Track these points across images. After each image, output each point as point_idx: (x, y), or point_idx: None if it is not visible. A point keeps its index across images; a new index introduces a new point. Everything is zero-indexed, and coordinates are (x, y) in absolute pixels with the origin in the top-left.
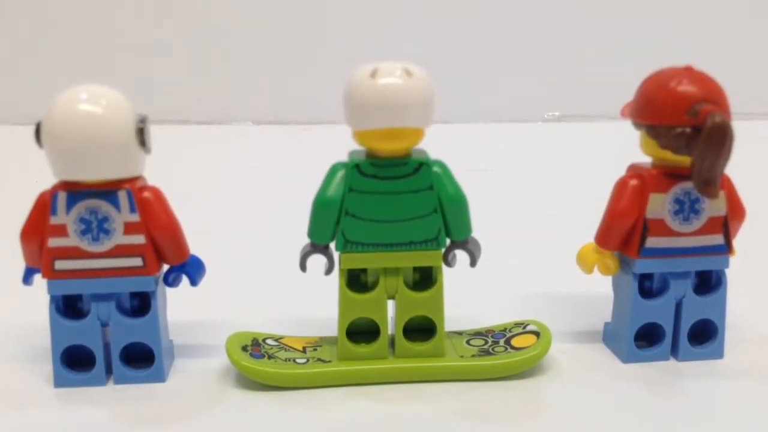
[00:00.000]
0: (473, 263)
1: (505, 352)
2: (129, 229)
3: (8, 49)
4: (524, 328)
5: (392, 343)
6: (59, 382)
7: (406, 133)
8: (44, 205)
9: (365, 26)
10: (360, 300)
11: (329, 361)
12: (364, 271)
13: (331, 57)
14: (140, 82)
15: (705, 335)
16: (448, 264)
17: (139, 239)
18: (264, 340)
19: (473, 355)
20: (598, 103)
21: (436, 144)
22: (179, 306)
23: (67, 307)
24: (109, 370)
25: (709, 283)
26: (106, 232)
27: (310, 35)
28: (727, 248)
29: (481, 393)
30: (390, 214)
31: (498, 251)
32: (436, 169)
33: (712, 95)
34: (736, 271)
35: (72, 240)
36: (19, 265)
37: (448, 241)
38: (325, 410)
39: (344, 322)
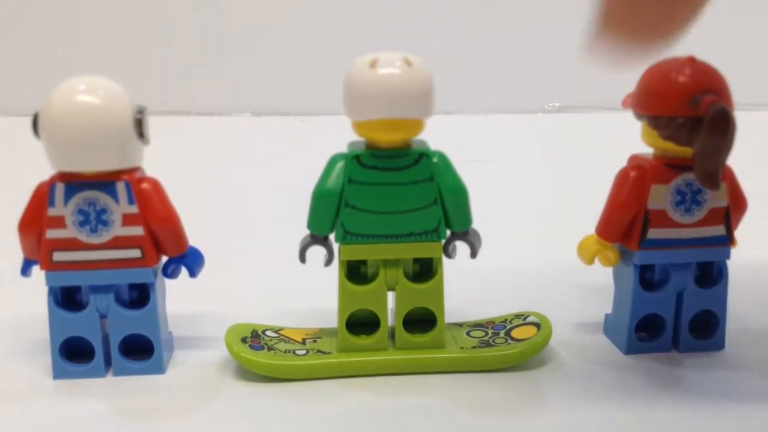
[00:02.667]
0: (474, 254)
1: (505, 344)
2: (127, 220)
3: (6, 40)
4: (524, 319)
5: (392, 334)
6: (58, 374)
7: (405, 124)
8: (42, 197)
9: (365, 17)
10: (360, 291)
11: (329, 353)
12: (363, 262)
13: (331, 48)
14: (139, 72)
15: (706, 327)
16: (449, 255)
17: (138, 231)
18: (263, 332)
19: (473, 347)
20: (599, 94)
21: (437, 135)
22: (178, 298)
23: (66, 298)
24: (108, 362)
25: (711, 274)
26: (105, 223)
27: (310, 26)
28: (728, 239)
29: (482, 384)
30: (390, 205)
31: (498, 242)
32: (436, 160)
33: (714, 86)
34: (738, 263)
35: (70, 231)
36: (18, 256)
37: (448, 232)
38: (325, 402)
39: (344, 313)
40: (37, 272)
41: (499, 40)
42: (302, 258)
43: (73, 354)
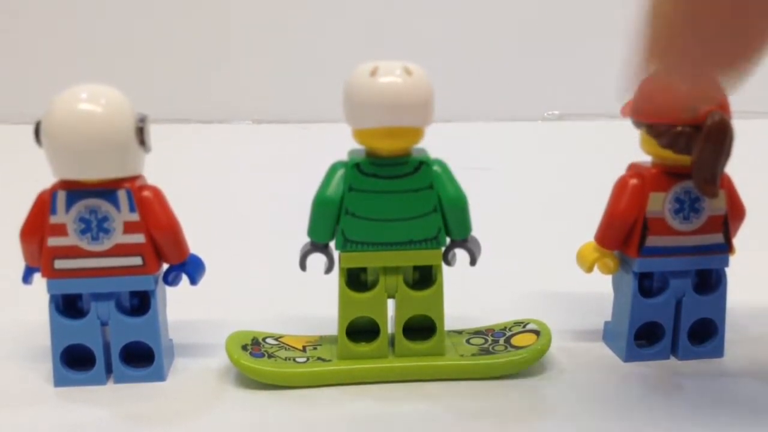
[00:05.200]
0: (473, 262)
1: (505, 351)
2: (129, 228)
3: (8, 48)
4: (524, 327)
5: (392, 342)
6: (59, 382)
7: (405, 132)
8: (44, 205)
9: (365, 25)
10: (360, 299)
11: (329, 360)
12: (363, 270)
13: (330, 56)
14: (140, 80)
15: (705, 334)
16: (448, 263)
17: (139, 238)
18: (264, 339)
19: (473, 354)
20: (598, 102)
21: (436, 143)
22: (179, 305)
23: (67, 306)
24: (108, 370)
25: (709, 282)
26: (106, 231)
27: (310, 34)
28: (727, 247)
29: (481, 392)
30: (390, 213)
31: (498, 250)
32: (436, 168)
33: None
34: (736, 270)
35: (71, 239)
36: (19, 264)
37: (448, 240)
38: (325, 409)
39: (344, 321)
40: (39, 279)
41: (499, 47)
42: (302, 265)
43: (74, 361)
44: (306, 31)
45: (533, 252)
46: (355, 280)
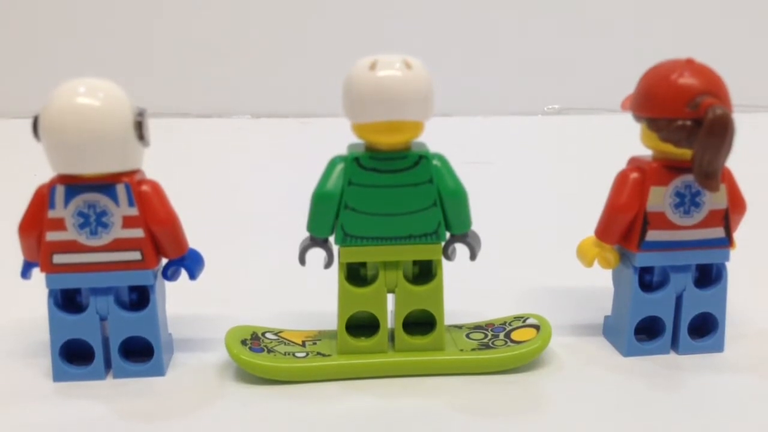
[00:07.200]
0: (473, 257)
1: (505, 346)
2: (127, 222)
3: (6, 42)
4: (524, 321)
5: (392, 336)
6: (58, 377)
7: (405, 126)
8: (42, 199)
9: (365, 18)
10: (359, 294)
11: (329, 355)
12: (363, 264)
13: (330, 50)
14: (139, 74)
15: (705, 329)
16: (448, 257)
17: (138, 233)
18: (263, 334)
19: (473, 349)
20: (598, 96)
21: (436, 137)
22: (178, 300)
23: (66, 301)
24: (108, 364)
25: (710, 276)
26: (105, 225)
27: (310, 28)
28: (727, 241)
29: (481, 387)
30: (389, 207)
31: (498, 245)
32: (435, 162)
33: (712, 88)
34: (737, 265)
35: (70, 234)
36: (18, 259)
37: (447, 234)
38: (325, 404)
39: (344, 315)
40: (37, 274)
41: (499, 41)
42: (302, 260)
43: (73, 356)
44: (305, 25)
45: (533, 246)
46: (355, 275)
